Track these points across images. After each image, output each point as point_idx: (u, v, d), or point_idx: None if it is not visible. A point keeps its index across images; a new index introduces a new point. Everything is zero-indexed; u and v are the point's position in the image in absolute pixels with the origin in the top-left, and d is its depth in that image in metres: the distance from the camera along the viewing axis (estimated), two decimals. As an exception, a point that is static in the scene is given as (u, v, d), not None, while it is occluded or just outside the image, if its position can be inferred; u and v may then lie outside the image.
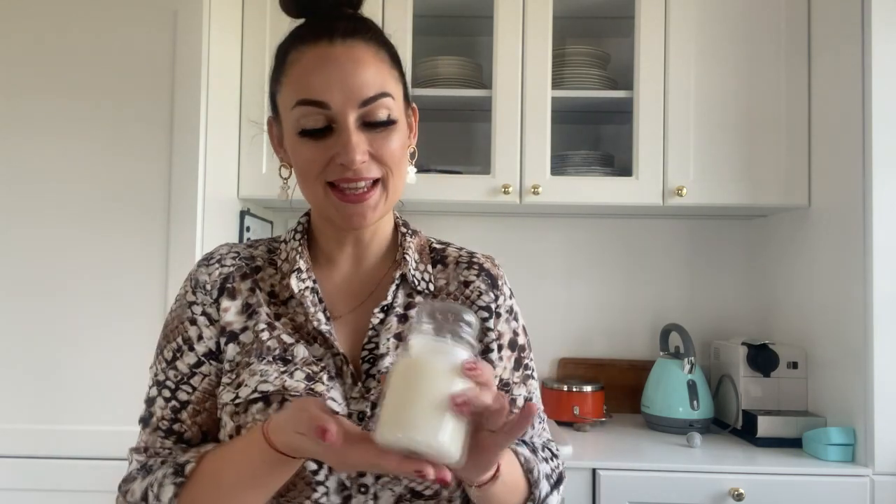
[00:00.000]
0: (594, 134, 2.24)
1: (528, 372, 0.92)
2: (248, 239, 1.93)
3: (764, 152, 1.87)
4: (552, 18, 1.90)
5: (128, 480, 0.81)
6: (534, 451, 0.87)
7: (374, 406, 0.78)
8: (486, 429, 0.64)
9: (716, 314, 2.20)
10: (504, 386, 0.88)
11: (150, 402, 0.84)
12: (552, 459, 0.89)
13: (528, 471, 0.82)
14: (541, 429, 0.93)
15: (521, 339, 0.92)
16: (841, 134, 1.73)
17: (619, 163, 2.04)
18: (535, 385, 0.93)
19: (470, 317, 0.65)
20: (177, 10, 1.63)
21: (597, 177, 1.92)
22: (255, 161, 1.87)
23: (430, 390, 0.61)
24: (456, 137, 2.21)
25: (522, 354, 0.91)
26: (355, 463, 0.64)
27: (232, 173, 1.85)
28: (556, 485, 0.86)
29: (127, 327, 1.59)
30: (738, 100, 1.87)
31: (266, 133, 0.92)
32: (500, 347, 0.88)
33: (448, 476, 0.61)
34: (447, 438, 0.60)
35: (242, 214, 1.92)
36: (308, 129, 0.77)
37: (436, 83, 1.96)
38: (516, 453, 0.82)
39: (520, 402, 0.89)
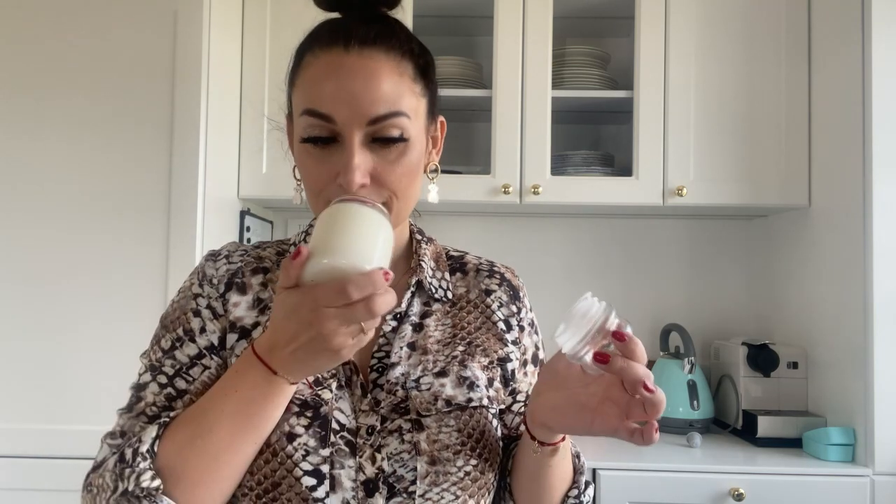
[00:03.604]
0: (594, 134, 2.24)
1: None
2: (249, 239, 1.93)
3: (764, 152, 1.87)
4: (552, 18, 1.89)
5: (96, 468, 0.73)
6: None
7: (383, 420, 0.75)
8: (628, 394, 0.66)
9: (716, 314, 2.20)
10: (528, 402, 0.85)
11: (139, 387, 0.77)
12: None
13: (575, 455, 0.82)
14: None
15: (541, 354, 0.90)
16: (841, 134, 1.73)
17: (619, 163, 2.04)
18: None
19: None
20: (177, 10, 1.63)
21: (597, 177, 1.92)
22: (255, 161, 1.87)
23: (353, 220, 0.65)
24: (456, 137, 2.21)
25: None
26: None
27: (232, 173, 1.85)
28: (587, 485, 0.85)
29: (127, 327, 1.59)
30: (738, 100, 1.87)
31: (265, 134, 0.89)
32: (524, 363, 0.86)
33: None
34: (372, 254, 0.64)
35: (242, 214, 1.92)
36: (312, 136, 0.73)
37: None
38: None
39: None
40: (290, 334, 0.64)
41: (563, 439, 0.75)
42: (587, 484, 0.83)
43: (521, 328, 0.87)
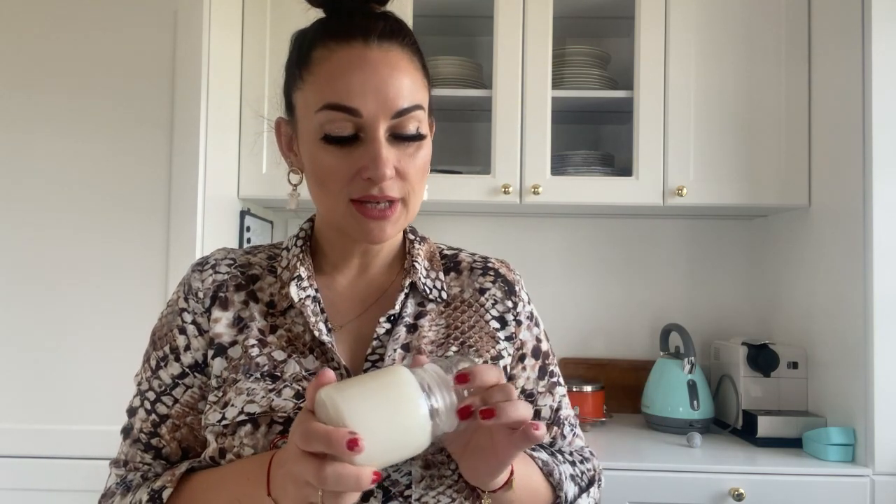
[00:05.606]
0: (594, 134, 2.24)
1: (554, 379, 0.88)
2: (249, 240, 1.93)
3: (764, 152, 1.87)
4: (552, 18, 1.89)
5: (106, 496, 0.78)
6: (553, 454, 0.85)
7: None
8: (504, 428, 0.63)
9: (716, 314, 2.20)
10: (528, 397, 0.85)
11: (131, 412, 0.81)
12: (583, 462, 0.86)
13: (548, 474, 0.79)
14: (572, 437, 0.89)
15: (544, 346, 0.88)
16: (841, 134, 1.73)
17: (619, 163, 2.04)
18: (562, 392, 0.88)
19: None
20: (177, 10, 1.63)
21: (597, 177, 1.92)
22: (255, 161, 1.87)
23: (391, 395, 0.60)
24: (456, 137, 2.21)
25: (547, 361, 0.88)
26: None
27: (232, 173, 1.85)
28: (588, 486, 0.83)
29: (126, 327, 1.59)
30: (738, 100, 1.87)
31: (265, 134, 0.88)
32: (522, 357, 0.85)
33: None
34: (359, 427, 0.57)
35: (242, 214, 1.92)
36: (334, 135, 0.72)
37: (436, 83, 1.96)
38: (533, 458, 0.80)
39: (545, 412, 0.86)
40: (284, 458, 0.62)
41: (511, 476, 0.72)
42: (581, 493, 0.82)
43: (519, 322, 0.85)
